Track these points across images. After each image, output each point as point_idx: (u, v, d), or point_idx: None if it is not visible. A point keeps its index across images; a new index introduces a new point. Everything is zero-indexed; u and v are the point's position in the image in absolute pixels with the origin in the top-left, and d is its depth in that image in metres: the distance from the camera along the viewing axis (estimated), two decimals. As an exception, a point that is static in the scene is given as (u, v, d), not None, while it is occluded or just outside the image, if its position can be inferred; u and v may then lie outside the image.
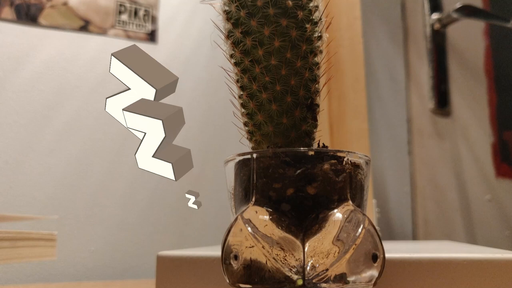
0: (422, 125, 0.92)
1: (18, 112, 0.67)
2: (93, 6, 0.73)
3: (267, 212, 0.27)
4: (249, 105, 0.31)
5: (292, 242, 0.26)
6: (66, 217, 0.67)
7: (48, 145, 0.67)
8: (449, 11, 0.90)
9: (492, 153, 0.95)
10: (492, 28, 0.99)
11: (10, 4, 0.68)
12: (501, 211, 0.93)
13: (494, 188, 0.93)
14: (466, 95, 0.96)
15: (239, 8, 0.29)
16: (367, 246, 0.26)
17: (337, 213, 0.27)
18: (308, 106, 0.31)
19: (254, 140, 0.32)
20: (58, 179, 0.67)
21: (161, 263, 0.38)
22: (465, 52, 0.98)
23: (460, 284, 0.32)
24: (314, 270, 0.26)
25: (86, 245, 0.67)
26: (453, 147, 0.94)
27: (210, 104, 0.78)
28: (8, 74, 0.67)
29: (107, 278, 0.67)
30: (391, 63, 0.93)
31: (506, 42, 1.01)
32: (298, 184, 0.27)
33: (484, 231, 0.91)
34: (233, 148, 0.31)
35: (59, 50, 0.70)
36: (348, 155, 0.28)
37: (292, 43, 0.29)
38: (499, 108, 0.97)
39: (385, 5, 0.94)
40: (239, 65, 0.30)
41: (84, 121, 0.70)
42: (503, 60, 1.00)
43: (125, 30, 0.75)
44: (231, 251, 0.27)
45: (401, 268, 0.33)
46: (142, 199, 0.71)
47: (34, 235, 0.47)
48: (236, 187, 0.30)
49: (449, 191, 0.91)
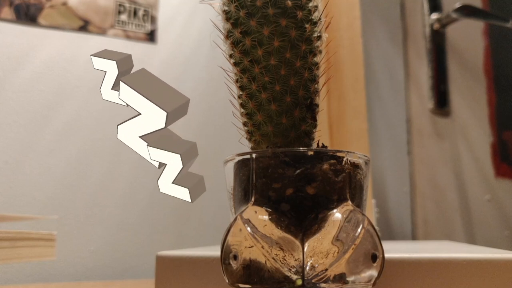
0: (421, 125, 0.92)
1: (18, 112, 0.67)
2: (93, 6, 0.73)
3: (267, 212, 0.27)
4: (248, 105, 0.31)
5: (292, 242, 0.26)
6: (65, 217, 0.67)
7: (48, 145, 0.67)
8: (449, 11, 0.90)
9: (491, 153, 0.95)
10: (492, 28, 0.99)
11: (10, 4, 0.68)
12: (500, 211, 0.93)
13: (493, 188, 0.93)
14: (466, 95, 0.96)
15: (239, 8, 0.29)
16: (366, 246, 0.26)
17: (336, 213, 0.27)
18: (307, 106, 0.31)
19: (254, 140, 0.32)
20: (58, 179, 0.67)
21: (161, 263, 0.38)
22: (464, 52, 0.98)
23: (459, 284, 0.32)
24: (314, 270, 0.26)
25: (85, 245, 0.67)
26: (452, 147, 0.94)
27: (210, 104, 0.78)
28: (8, 74, 0.67)
29: (106, 278, 0.67)
30: (390, 63, 0.93)
31: (506, 42, 1.01)
32: (297, 184, 0.27)
33: (484, 231, 0.91)
34: (233, 148, 0.31)
35: (59, 50, 0.70)
36: (347, 155, 0.28)
37: (291, 43, 0.29)
38: (499, 108, 0.97)
39: (384, 5, 0.94)
40: (239, 65, 0.30)
41: (84, 121, 0.70)
42: (502, 60, 1.00)
43: (125, 30, 0.75)
44: (230, 251, 0.27)
45: (400, 268, 0.33)
46: (141, 199, 0.71)
47: (34, 235, 0.47)
48: (235, 187, 0.30)
49: (449, 191, 0.91)
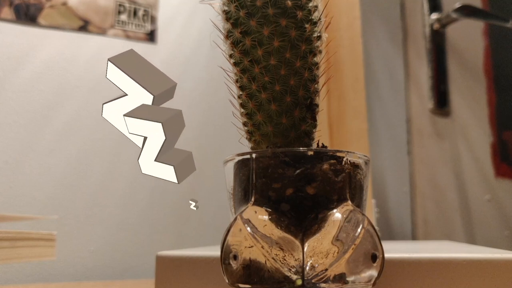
0: (421, 125, 0.92)
1: (18, 112, 0.67)
2: (93, 6, 0.73)
3: (267, 212, 0.27)
4: (248, 105, 0.31)
5: (292, 242, 0.26)
6: (65, 217, 0.67)
7: (48, 145, 0.67)
8: (449, 11, 0.90)
9: (491, 153, 0.95)
10: (492, 28, 0.99)
11: (10, 4, 0.68)
12: (500, 211, 0.93)
13: (493, 188, 0.93)
14: (466, 95, 0.96)
15: (239, 8, 0.29)
16: (366, 246, 0.26)
17: (336, 213, 0.27)
18: (307, 106, 0.31)
19: (254, 140, 0.32)
20: (58, 179, 0.67)
21: (161, 263, 0.38)
22: (464, 52, 0.98)
23: (459, 284, 0.32)
24: (314, 270, 0.26)
25: (85, 245, 0.67)
26: (452, 147, 0.94)
27: (210, 104, 0.78)
28: (8, 74, 0.67)
29: (106, 278, 0.67)
30: (390, 63, 0.93)
31: (506, 42, 1.01)
32: (297, 184, 0.27)
33: (484, 231, 0.91)
34: (233, 148, 0.31)
35: (59, 50, 0.70)
36: (347, 155, 0.28)
37: (291, 43, 0.29)
38: (499, 108, 0.97)
39: (384, 5, 0.94)
40: (239, 65, 0.30)
41: (84, 121, 0.70)
42: (502, 60, 1.00)
43: (125, 30, 0.75)
44: (230, 251, 0.27)
45: (400, 268, 0.33)
46: (141, 199, 0.71)
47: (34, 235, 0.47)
48: (235, 187, 0.30)
49: (449, 191, 0.91)
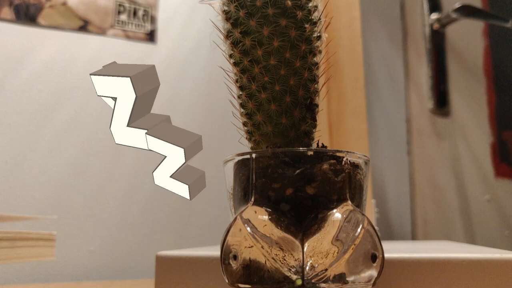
0: (421, 125, 0.92)
1: (17, 112, 0.66)
2: (92, 6, 0.73)
3: (266, 212, 0.27)
4: (248, 105, 0.31)
5: (291, 242, 0.26)
6: (65, 217, 0.67)
7: (47, 145, 0.67)
8: (448, 11, 0.90)
9: (491, 153, 0.95)
10: (491, 28, 0.99)
11: (9, 4, 0.68)
12: (500, 211, 0.93)
13: (493, 188, 0.93)
14: (465, 95, 0.96)
15: (238, 8, 0.29)
16: (366, 246, 0.26)
17: (336, 213, 0.26)
18: (307, 106, 0.31)
19: (253, 140, 0.32)
20: (58, 179, 0.67)
21: (160, 263, 0.38)
22: (464, 52, 0.98)
23: (459, 284, 0.32)
24: (313, 270, 0.26)
25: (85, 245, 0.67)
26: (452, 147, 0.94)
27: (209, 104, 0.78)
28: (8, 74, 0.67)
29: (106, 278, 0.67)
30: (390, 63, 0.93)
31: (505, 42, 1.01)
32: (297, 184, 0.27)
33: (483, 231, 0.91)
34: (232, 148, 0.31)
35: (59, 50, 0.70)
36: (347, 155, 0.28)
37: (291, 43, 0.29)
38: (498, 108, 0.97)
39: (384, 5, 0.94)
40: (238, 65, 0.30)
41: (84, 121, 0.70)
42: (502, 60, 1.00)
43: (124, 30, 0.75)
44: (230, 251, 0.27)
45: (400, 268, 0.33)
46: (141, 199, 0.71)
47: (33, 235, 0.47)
48: (235, 187, 0.30)
49: (448, 191, 0.91)
